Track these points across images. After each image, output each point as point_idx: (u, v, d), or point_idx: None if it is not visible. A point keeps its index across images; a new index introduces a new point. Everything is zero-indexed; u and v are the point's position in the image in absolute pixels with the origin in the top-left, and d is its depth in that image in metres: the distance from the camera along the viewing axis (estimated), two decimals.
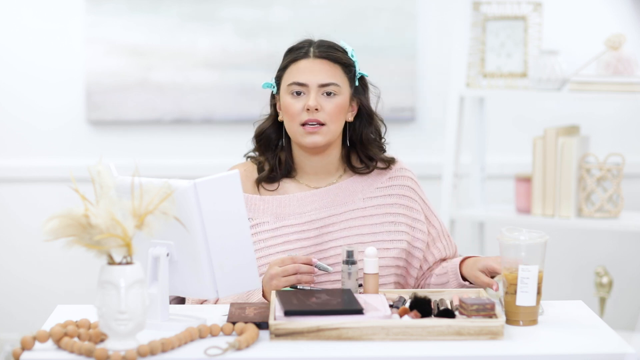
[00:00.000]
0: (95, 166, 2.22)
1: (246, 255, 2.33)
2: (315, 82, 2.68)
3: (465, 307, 2.31)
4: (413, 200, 2.79)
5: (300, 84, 2.69)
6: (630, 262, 4.54)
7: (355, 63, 2.75)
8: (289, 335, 2.22)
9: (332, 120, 2.68)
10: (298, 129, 2.69)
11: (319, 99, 2.68)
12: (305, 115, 2.67)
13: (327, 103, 2.68)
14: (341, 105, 2.70)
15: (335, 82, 2.69)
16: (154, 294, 2.32)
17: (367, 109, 2.76)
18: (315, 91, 2.68)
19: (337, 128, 2.70)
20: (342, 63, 2.72)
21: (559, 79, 3.95)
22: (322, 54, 2.71)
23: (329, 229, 2.71)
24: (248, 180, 2.77)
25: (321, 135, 2.69)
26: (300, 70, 2.70)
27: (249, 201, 2.74)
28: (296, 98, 2.69)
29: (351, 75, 2.74)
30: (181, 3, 4.40)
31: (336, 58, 2.71)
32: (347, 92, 2.72)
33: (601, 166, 3.97)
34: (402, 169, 2.82)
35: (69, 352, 2.18)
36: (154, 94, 4.43)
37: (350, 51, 2.75)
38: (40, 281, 4.49)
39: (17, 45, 4.41)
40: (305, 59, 2.71)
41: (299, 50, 2.73)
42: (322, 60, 2.70)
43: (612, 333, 2.30)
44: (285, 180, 2.77)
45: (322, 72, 2.69)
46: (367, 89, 2.79)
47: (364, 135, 2.76)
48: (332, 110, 2.68)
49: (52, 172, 4.45)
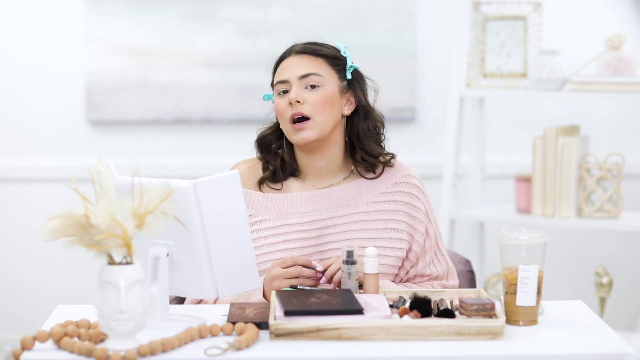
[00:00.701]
0: (95, 166, 2.22)
1: (246, 255, 2.33)
2: (295, 76, 2.68)
3: (465, 307, 2.31)
4: (417, 209, 2.76)
5: (283, 81, 2.69)
6: (630, 262, 4.54)
7: (347, 58, 2.73)
8: (289, 335, 2.22)
9: (318, 112, 2.66)
10: (289, 128, 2.69)
11: (300, 91, 2.67)
12: (290, 110, 2.67)
13: (309, 95, 2.67)
14: (326, 97, 2.68)
15: (315, 72, 2.68)
16: (154, 294, 2.32)
17: (363, 102, 2.75)
18: (296, 84, 2.67)
19: (325, 120, 2.68)
20: (325, 56, 2.71)
21: (559, 79, 3.95)
22: (303, 50, 2.72)
23: (329, 231, 2.71)
24: (253, 176, 2.76)
25: (309, 130, 2.67)
26: (283, 69, 2.71)
27: (252, 198, 2.73)
28: (282, 97, 2.69)
29: (340, 67, 2.72)
30: (181, 3, 4.40)
31: (317, 51, 2.71)
32: (333, 84, 2.70)
33: (601, 166, 3.97)
34: (409, 175, 2.78)
35: (69, 352, 2.18)
36: (154, 94, 4.43)
37: (342, 48, 2.74)
38: (40, 281, 4.49)
39: (17, 45, 4.41)
40: (287, 58, 2.72)
41: (285, 51, 2.75)
42: (302, 55, 2.71)
43: (612, 333, 2.30)
44: (290, 179, 2.77)
45: (302, 65, 2.69)
46: (364, 83, 2.77)
47: (361, 130, 2.74)
48: (316, 101, 2.66)
49: (52, 172, 4.45)
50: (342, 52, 2.74)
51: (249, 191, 2.73)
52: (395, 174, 2.78)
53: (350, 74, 2.73)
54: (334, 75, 2.71)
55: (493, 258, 4.40)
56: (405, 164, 2.82)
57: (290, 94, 2.66)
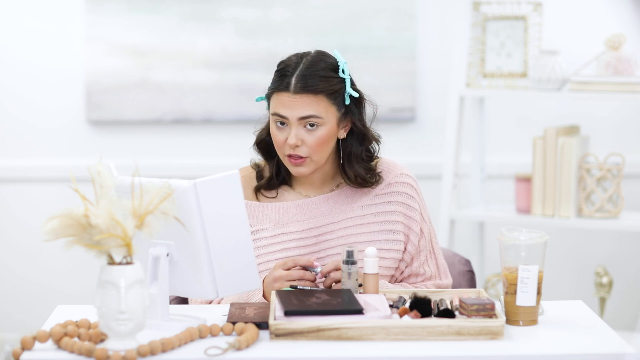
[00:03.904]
0: (95, 166, 2.22)
1: (246, 255, 2.33)
2: (295, 117, 2.62)
3: (465, 307, 2.31)
4: (412, 209, 2.76)
5: (281, 116, 2.64)
6: (630, 262, 4.54)
7: (346, 81, 2.66)
8: (289, 335, 2.22)
9: (315, 152, 2.64)
10: (284, 158, 2.67)
11: (299, 133, 2.63)
12: (287, 149, 2.64)
13: (308, 136, 2.63)
14: (324, 137, 2.64)
15: (315, 114, 2.62)
16: (154, 294, 2.32)
17: (359, 128, 2.71)
18: (295, 125, 2.63)
19: (322, 157, 2.67)
20: (325, 91, 2.64)
21: (559, 79, 3.95)
22: (302, 89, 2.62)
23: (327, 237, 2.71)
24: (248, 186, 2.77)
25: (305, 166, 2.66)
26: (282, 103, 2.63)
27: (248, 207, 2.73)
28: (280, 129, 2.65)
29: (339, 99, 2.66)
30: (181, 3, 4.40)
31: (317, 90, 2.63)
32: (332, 120, 2.65)
33: (601, 166, 3.97)
34: (402, 175, 2.77)
35: (69, 352, 2.18)
36: (154, 94, 4.43)
37: (342, 65, 2.67)
38: (40, 281, 4.49)
39: (17, 45, 4.41)
40: (285, 93, 2.63)
41: (282, 79, 2.65)
42: (301, 95, 2.62)
43: (612, 333, 2.30)
44: (283, 187, 2.77)
45: (302, 106, 2.62)
46: (362, 106, 2.71)
47: (353, 154, 2.71)
48: (314, 143, 2.63)
49: (52, 172, 4.45)
50: (340, 72, 2.67)
51: (246, 201, 2.72)
52: (388, 174, 2.77)
53: (348, 99, 2.68)
54: (333, 110, 2.65)
55: (493, 258, 4.40)
56: (397, 163, 2.80)
57: (290, 139, 2.62)
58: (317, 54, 2.70)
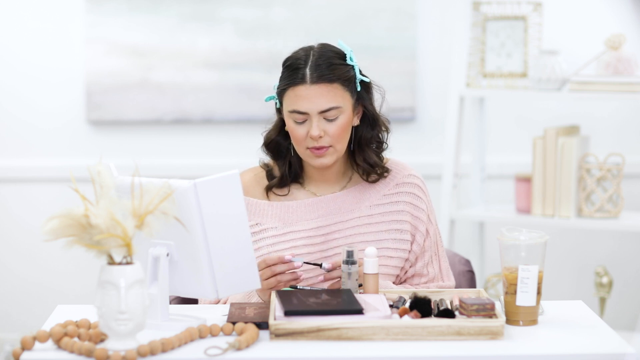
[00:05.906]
0: (95, 166, 2.22)
1: (246, 255, 2.33)
2: (315, 110, 2.62)
3: (465, 307, 2.31)
4: (420, 209, 2.76)
5: (301, 113, 2.63)
6: (630, 262, 4.54)
7: (355, 67, 2.68)
8: (289, 335, 2.22)
9: (338, 141, 2.65)
10: (305, 152, 2.67)
11: (321, 124, 2.63)
12: (310, 142, 2.64)
13: (330, 126, 2.64)
14: (345, 124, 2.65)
15: (335, 105, 2.63)
16: (154, 294, 2.32)
17: (371, 113, 2.72)
18: (316, 118, 2.62)
19: (343, 145, 2.68)
20: (340, 79, 2.65)
21: (559, 79, 3.95)
22: (318, 79, 2.62)
23: (334, 236, 2.71)
24: (258, 186, 2.76)
25: (328, 156, 2.66)
26: (299, 98, 2.63)
27: (257, 206, 2.73)
28: (299, 125, 2.65)
29: (352, 86, 2.67)
30: (181, 3, 4.40)
31: (333, 78, 2.63)
32: (349, 107, 2.66)
33: (601, 166, 3.97)
34: (410, 175, 2.78)
35: (69, 352, 2.18)
36: (154, 94, 4.43)
37: (349, 53, 2.69)
38: (40, 281, 4.49)
39: (17, 45, 4.41)
40: (302, 85, 2.63)
41: (296, 73, 2.64)
42: (319, 85, 2.62)
43: (612, 333, 2.30)
44: (294, 185, 2.77)
45: (321, 98, 2.62)
46: (371, 92, 2.74)
47: (363, 139, 2.73)
48: (336, 132, 2.64)
49: (52, 172, 4.45)
50: (347, 59, 2.68)
51: (254, 200, 2.73)
52: (397, 174, 2.78)
53: (359, 85, 2.69)
54: (347, 97, 2.66)
55: (493, 258, 4.40)
56: (406, 164, 2.81)
57: (312, 131, 2.62)
58: (322, 45, 2.72)
